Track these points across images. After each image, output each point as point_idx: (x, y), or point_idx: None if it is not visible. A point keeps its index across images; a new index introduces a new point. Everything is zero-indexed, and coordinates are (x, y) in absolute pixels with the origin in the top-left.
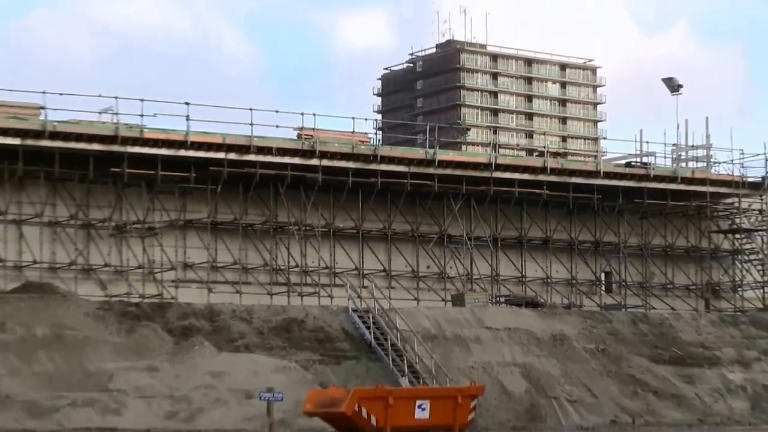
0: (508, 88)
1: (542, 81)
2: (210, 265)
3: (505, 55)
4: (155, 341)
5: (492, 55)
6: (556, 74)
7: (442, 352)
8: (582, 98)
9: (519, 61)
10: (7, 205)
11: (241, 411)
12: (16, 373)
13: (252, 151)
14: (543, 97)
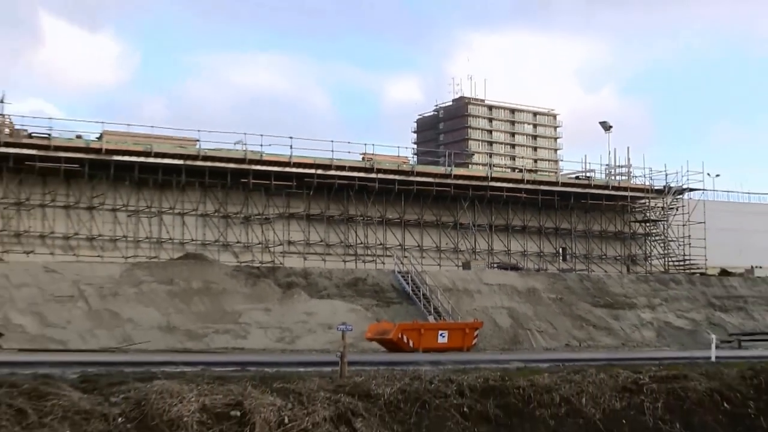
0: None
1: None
2: (305, 242)
3: (496, 106)
4: (269, 291)
5: (488, 106)
6: (529, 118)
7: (455, 299)
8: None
9: (505, 110)
10: (174, 203)
11: (324, 337)
12: (180, 311)
13: (332, 168)
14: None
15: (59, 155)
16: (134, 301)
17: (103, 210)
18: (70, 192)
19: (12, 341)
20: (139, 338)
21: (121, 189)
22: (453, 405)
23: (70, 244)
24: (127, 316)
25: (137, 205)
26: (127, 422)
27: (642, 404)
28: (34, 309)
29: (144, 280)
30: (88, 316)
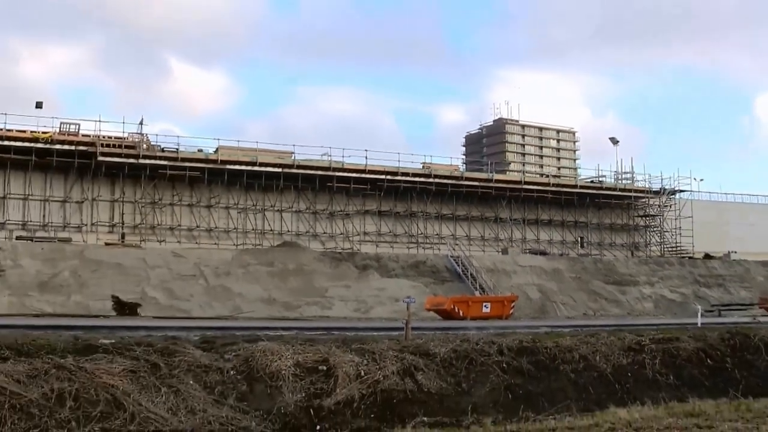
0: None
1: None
2: (377, 232)
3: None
4: (348, 272)
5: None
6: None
7: (496, 278)
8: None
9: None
10: (274, 202)
11: (392, 308)
12: (278, 287)
13: (399, 174)
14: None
15: (185, 165)
16: (242, 279)
17: (219, 208)
18: (193, 194)
19: (147, 311)
20: (246, 309)
21: (233, 191)
22: (494, 361)
23: (193, 235)
24: (236, 291)
25: (245, 203)
26: (237, 374)
27: (643, 360)
28: (164, 285)
29: (250, 262)
30: (207, 291)
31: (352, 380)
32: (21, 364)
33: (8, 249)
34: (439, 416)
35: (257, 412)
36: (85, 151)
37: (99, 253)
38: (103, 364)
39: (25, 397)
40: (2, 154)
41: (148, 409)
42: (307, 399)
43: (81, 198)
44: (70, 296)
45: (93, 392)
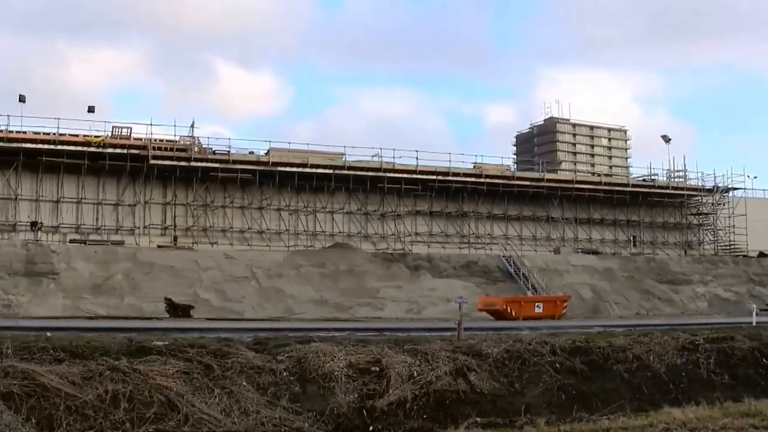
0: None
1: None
2: (428, 233)
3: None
4: (400, 272)
5: (572, 124)
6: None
7: (548, 278)
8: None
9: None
10: (325, 203)
11: (444, 308)
12: (330, 288)
13: (450, 174)
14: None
15: (236, 167)
16: (294, 280)
17: (270, 209)
18: (245, 196)
19: (200, 312)
20: (298, 310)
21: (284, 193)
22: (547, 362)
23: (244, 236)
24: (288, 293)
25: (297, 205)
26: (290, 375)
27: (698, 360)
28: (217, 287)
29: (302, 264)
30: (259, 293)
31: (405, 381)
32: (76, 366)
33: (62, 252)
34: (491, 417)
35: (310, 413)
36: (137, 155)
37: (151, 255)
38: (157, 365)
39: (80, 399)
40: (55, 158)
41: (202, 410)
42: (359, 400)
43: (133, 201)
44: (124, 298)
45: (147, 394)
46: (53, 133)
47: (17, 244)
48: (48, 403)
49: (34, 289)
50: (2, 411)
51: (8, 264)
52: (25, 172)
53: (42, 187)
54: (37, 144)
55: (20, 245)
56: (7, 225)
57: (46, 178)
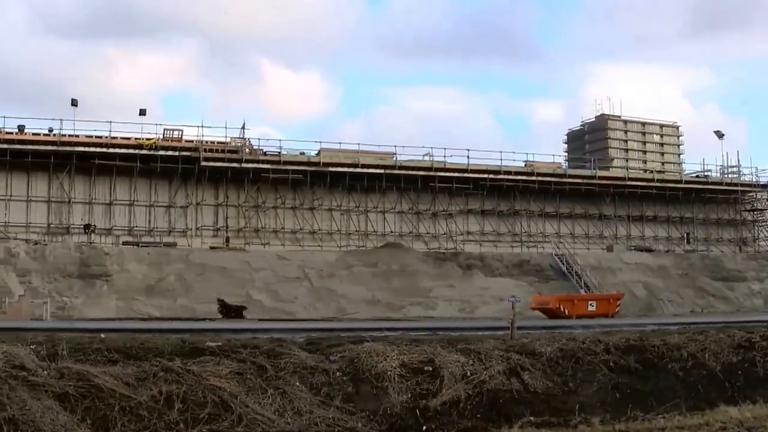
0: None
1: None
2: (480, 232)
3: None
4: (452, 272)
5: (623, 120)
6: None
7: (601, 276)
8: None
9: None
10: (377, 203)
11: (496, 307)
12: (382, 288)
13: (501, 173)
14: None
15: (287, 168)
16: (346, 280)
17: (322, 210)
18: (296, 196)
19: (252, 313)
20: (350, 310)
21: (336, 193)
22: (601, 360)
23: (296, 237)
24: (341, 293)
25: (348, 205)
26: (343, 375)
27: (754, 358)
28: (269, 287)
29: (354, 264)
30: (311, 293)
31: (458, 380)
32: (130, 367)
33: (115, 254)
34: (545, 416)
35: (363, 412)
36: (188, 157)
37: (204, 256)
38: (210, 366)
39: (134, 400)
40: (108, 161)
41: (255, 410)
42: (413, 399)
43: (185, 203)
44: (176, 300)
45: (200, 394)
46: (105, 137)
47: (71, 246)
48: (103, 403)
49: (87, 291)
50: (58, 412)
51: (62, 266)
52: (78, 175)
53: (95, 189)
54: (89, 147)
55: (74, 248)
56: (60, 228)
57: (99, 181)
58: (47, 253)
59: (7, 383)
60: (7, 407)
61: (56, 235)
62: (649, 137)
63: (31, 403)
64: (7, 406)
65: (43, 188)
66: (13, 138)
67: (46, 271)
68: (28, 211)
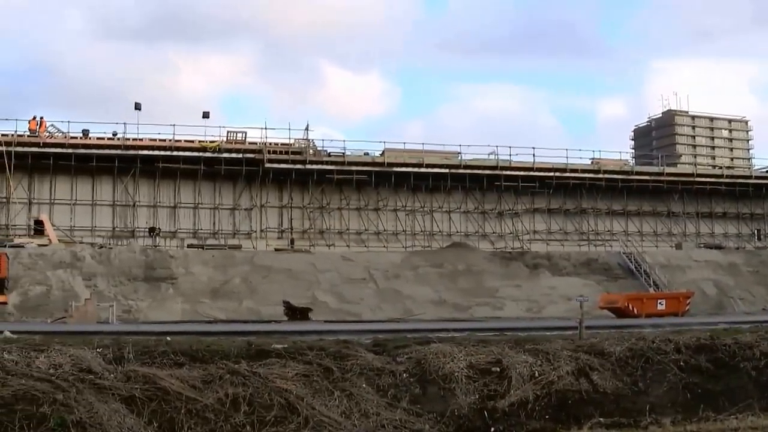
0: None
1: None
2: (547, 231)
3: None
4: (519, 271)
5: (691, 116)
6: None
7: (670, 274)
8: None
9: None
10: (442, 203)
11: (564, 307)
12: (448, 289)
13: (567, 170)
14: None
15: (351, 169)
16: (412, 281)
17: (387, 210)
18: (361, 197)
19: (318, 314)
20: (416, 311)
21: (400, 193)
22: (671, 360)
23: (361, 238)
24: (406, 293)
25: (413, 205)
26: (410, 377)
27: None
28: (334, 289)
29: (419, 264)
30: (376, 294)
31: (526, 381)
32: (196, 370)
33: (180, 257)
34: (615, 417)
35: (430, 414)
36: (252, 159)
37: (269, 258)
38: (276, 368)
39: (201, 402)
40: (172, 164)
41: (322, 413)
42: (480, 401)
43: (250, 205)
44: (242, 302)
45: (267, 397)
46: (169, 140)
47: (136, 250)
48: (169, 406)
49: (153, 294)
50: (125, 415)
51: (128, 270)
52: (143, 178)
53: (159, 193)
54: (153, 151)
55: (139, 251)
56: (126, 231)
57: (163, 184)
58: (112, 257)
59: (75, 386)
60: (75, 410)
61: (121, 239)
62: (717, 132)
63: (98, 406)
64: (75, 409)
65: (108, 192)
66: (78, 143)
67: (112, 275)
68: (93, 215)
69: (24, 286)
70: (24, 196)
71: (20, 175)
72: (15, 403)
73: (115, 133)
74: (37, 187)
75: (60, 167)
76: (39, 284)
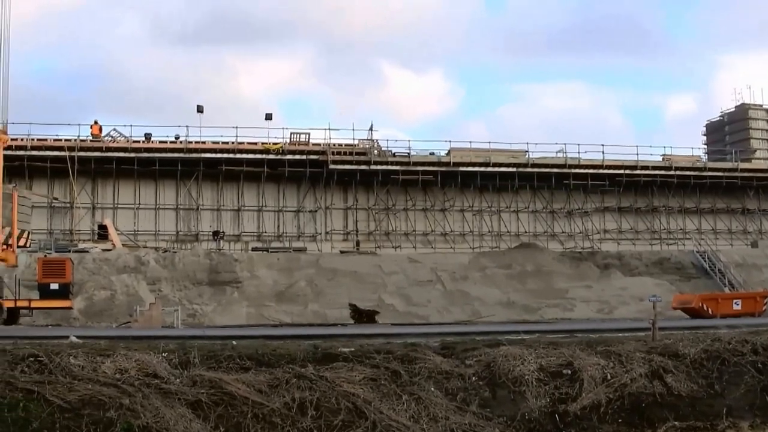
0: None
1: None
2: (617, 230)
3: None
4: (589, 272)
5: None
6: None
7: (746, 273)
8: None
9: None
10: (509, 203)
11: (636, 307)
12: (517, 290)
13: (638, 168)
14: None
15: (417, 169)
16: (480, 283)
17: (453, 211)
18: (427, 198)
19: (385, 317)
20: (484, 313)
21: (467, 193)
22: (748, 362)
23: (428, 239)
24: (474, 295)
25: (480, 205)
26: (479, 380)
27: None
28: (401, 291)
29: (487, 265)
30: (444, 296)
31: (598, 384)
32: (262, 374)
33: (245, 261)
34: (690, 420)
35: (500, 418)
36: (316, 160)
37: (334, 261)
38: (344, 372)
39: (267, 407)
40: (235, 167)
41: (390, 417)
42: (551, 404)
43: (314, 207)
44: (307, 305)
45: (334, 401)
46: (231, 142)
47: (200, 254)
48: (236, 411)
49: (218, 298)
50: (191, 419)
51: (192, 274)
52: (206, 182)
53: (223, 196)
54: (216, 153)
55: (203, 255)
56: (190, 235)
57: (227, 187)
58: (177, 261)
59: (141, 391)
60: (142, 415)
61: (185, 243)
62: None
63: (164, 411)
64: (141, 414)
65: (171, 196)
66: (141, 147)
67: (176, 279)
68: (156, 219)
69: (89, 291)
70: (87, 201)
71: (84, 180)
72: (82, 407)
73: (178, 136)
74: (101, 192)
75: (123, 171)
76: (104, 289)
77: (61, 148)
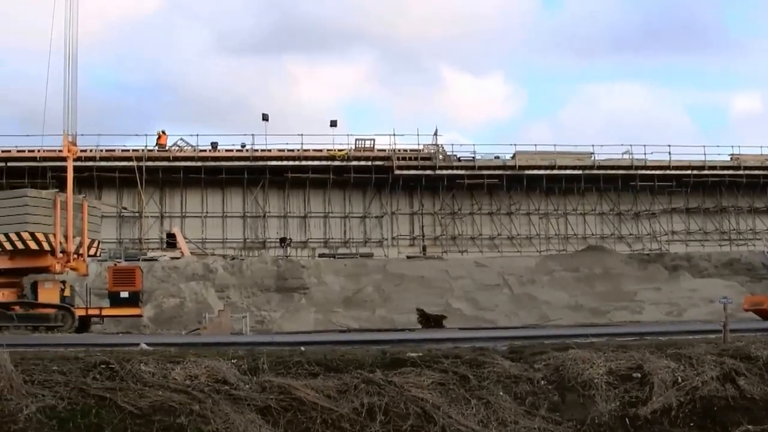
0: None
1: None
2: (686, 231)
3: None
4: (657, 274)
5: None
6: None
7: None
8: None
9: None
10: (576, 205)
11: (706, 309)
12: (584, 293)
13: (705, 168)
14: None
15: (482, 173)
16: (547, 286)
17: (519, 214)
18: (492, 201)
19: (452, 322)
20: (552, 316)
21: (533, 197)
22: None
23: (494, 243)
24: (542, 299)
25: (546, 208)
26: (548, 384)
27: None
28: (468, 296)
29: (554, 269)
30: (511, 300)
31: (669, 387)
32: (331, 380)
33: (312, 267)
34: (765, 424)
35: (570, 422)
36: (381, 166)
37: (401, 266)
38: (412, 377)
39: (336, 412)
40: (301, 174)
41: (459, 421)
42: (621, 408)
43: (380, 212)
44: (375, 311)
45: (402, 406)
46: (297, 149)
47: (268, 260)
48: (305, 416)
49: (285, 305)
50: (261, 425)
51: (260, 281)
52: (272, 189)
53: (289, 203)
54: (282, 161)
55: (271, 262)
56: (257, 242)
57: (293, 194)
58: (244, 268)
59: (211, 397)
60: (212, 421)
61: (252, 250)
62: None
63: (234, 416)
64: (211, 420)
65: (238, 204)
66: (207, 155)
67: (244, 286)
68: (224, 226)
69: (158, 299)
70: (156, 210)
71: (152, 189)
72: (152, 414)
73: (244, 144)
74: (168, 201)
75: (190, 180)
76: (173, 296)
77: (129, 159)
